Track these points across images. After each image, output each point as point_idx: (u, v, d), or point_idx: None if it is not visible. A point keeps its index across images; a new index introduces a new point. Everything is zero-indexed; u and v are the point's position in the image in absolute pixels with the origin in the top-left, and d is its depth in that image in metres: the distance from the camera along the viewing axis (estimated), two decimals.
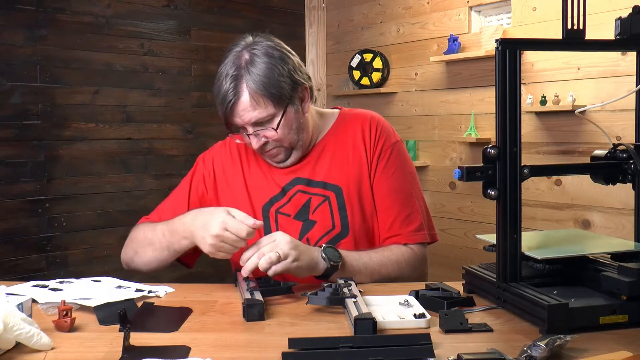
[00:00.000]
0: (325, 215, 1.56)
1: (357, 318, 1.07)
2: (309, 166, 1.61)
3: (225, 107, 1.48)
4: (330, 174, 1.59)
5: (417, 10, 3.90)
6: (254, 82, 1.46)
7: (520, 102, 1.18)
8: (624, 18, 1.22)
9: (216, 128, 3.97)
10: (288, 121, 1.51)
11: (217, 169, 1.68)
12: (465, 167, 1.18)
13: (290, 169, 1.61)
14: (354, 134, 1.62)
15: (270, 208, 1.59)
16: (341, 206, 1.56)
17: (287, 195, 1.59)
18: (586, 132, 3.06)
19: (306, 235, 1.55)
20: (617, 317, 1.09)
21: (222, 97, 1.48)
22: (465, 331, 1.09)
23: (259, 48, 1.51)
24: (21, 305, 1.10)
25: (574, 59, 3.09)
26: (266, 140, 1.52)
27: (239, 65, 1.49)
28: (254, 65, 1.48)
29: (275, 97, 1.48)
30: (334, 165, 1.60)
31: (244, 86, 1.47)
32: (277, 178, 1.61)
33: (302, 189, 1.59)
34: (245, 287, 1.30)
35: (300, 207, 1.58)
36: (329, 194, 1.57)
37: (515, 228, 1.19)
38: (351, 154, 1.61)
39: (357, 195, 1.58)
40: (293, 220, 1.57)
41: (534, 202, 3.27)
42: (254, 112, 1.48)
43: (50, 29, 3.31)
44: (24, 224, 3.25)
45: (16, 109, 3.21)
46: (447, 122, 3.74)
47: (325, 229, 1.56)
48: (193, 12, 3.89)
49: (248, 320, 1.17)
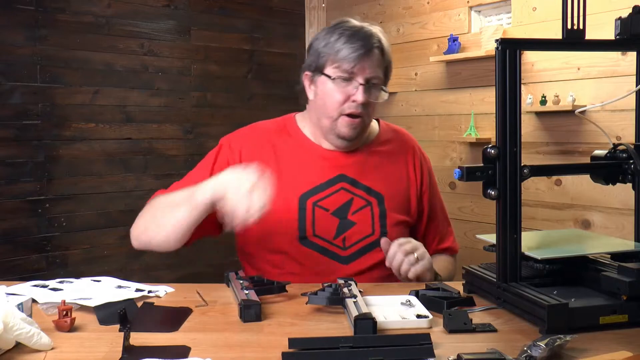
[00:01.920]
0: (366, 219, 1.56)
1: (357, 318, 1.07)
2: (356, 167, 1.60)
3: (354, 52, 1.50)
4: (375, 181, 1.60)
5: (417, 10, 3.90)
6: (385, 48, 1.56)
7: (520, 102, 1.18)
8: (624, 18, 1.22)
9: (216, 128, 3.97)
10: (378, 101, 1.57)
11: (245, 157, 1.60)
12: (465, 167, 1.18)
13: (337, 165, 1.59)
14: (399, 151, 1.69)
15: (307, 199, 1.56)
16: (382, 214, 1.58)
17: (329, 189, 1.57)
18: (586, 132, 3.06)
19: (344, 235, 1.54)
20: (617, 317, 1.09)
21: (351, 44, 1.51)
22: (469, 331, 1.09)
23: (380, 30, 1.59)
24: (21, 305, 1.10)
25: (574, 59, 3.08)
26: (368, 99, 1.54)
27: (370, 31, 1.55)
28: (385, 38, 1.58)
29: (388, 70, 1.59)
30: (378, 173, 1.62)
31: (377, 46, 1.53)
32: (321, 171, 1.59)
33: (346, 187, 1.58)
34: (239, 286, 1.30)
35: (341, 204, 1.56)
36: (372, 199, 1.58)
37: (515, 228, 1.19)
38: (395, 169, 1.65)
39: (396, 208, 1.60)
40: (331, 215, 1.55)
41: (534, 202, 3.27)
42: (378, 69, 1.54)
43: (50, 29, 3.31)
44: (24, 224, 3.25)
45: (16, 109, 3.21)
46: (447, 122, 3.74)
47: (364, 232, 1.56)
48: (193, 12, 3.89)
49: (245, 321, 1.16)
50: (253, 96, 4.15)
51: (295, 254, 1.53)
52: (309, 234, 1.53)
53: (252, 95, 4.15)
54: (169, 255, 3.78)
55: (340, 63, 1.51)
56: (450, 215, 1.81)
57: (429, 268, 1.46)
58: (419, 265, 1.43)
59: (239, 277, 1.37)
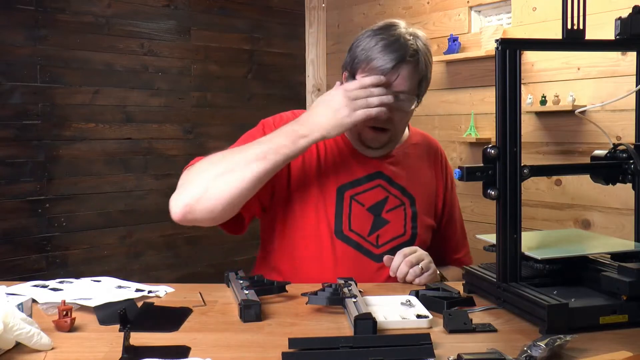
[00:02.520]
0: (399, 218, 1.56)
1: (357, 318, 1.07)
2: (392, 166, 1.60)
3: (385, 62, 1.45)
4: (408, 182, 1.60)
5: (417, 10, 3.90)
6: (423, 62, 1.49)
7: (520, 102, 1.18)
8: (624, 18, 1.22)
9: (216, 128, 3.97)
10: (410, 112, 1.54)
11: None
12: (465, 167, 1.18)
13: (376, 162, 1.58)
14: (428, 156, 1.69)
15: (345, 191, 1.54)
16: (414, 216, 1.58)
17: (367, 184, 1.56)
18: (586, 132, 3.06)
19: (377, 232, 1.54)
20: (617, 317, 1.09)
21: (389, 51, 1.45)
22: (469, 331, 1.09)
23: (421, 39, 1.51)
24: (21, 305, 1.10)
25: (574, 59, 3.08)
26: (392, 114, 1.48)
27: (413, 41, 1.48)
28: (429, 52, 1.52)
29: (422, 85, 1.52)
30: (411, 175, 1.62)
31: (417, 58, 1.47)
32: (360, 165, 1.58)
33: (383, 184, 1.58)
34: (239, 286, 1.30)
35: (377, 201, 1.56)
36: (405, 200, 1.58)
37: (515, 228, 1.19)
38: (424, 172, 1.66)
39: (425, 211, 1.61)
40: (366, 211, 1.54)
41: (534, 202, 3.27)
42: (409, 82, 1.48)
43: (50, 29, 3.31)
44: (24, 224, 3.25)
45: (16, 109, 3.20)
46: (447, 122, 3.74)
47: (397, 232, 1.55)
48: (193, 12, 3.89)
49: (245, 321, 1.16)
50: (253, 96, 4.15)
51: (328, 247, 1.51)
52: (345, 229, 1.52)
53: (252, 95, 4.15)
54: (169, 255, 3.78)
55: (369, 74, 1.46)
56: None
57: (434, 278, 1.45)
58: (423, 277, 1.42)
59: (239, 277, 1.37)
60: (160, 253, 3.75)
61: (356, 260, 1.51)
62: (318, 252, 1.52)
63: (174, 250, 3.79)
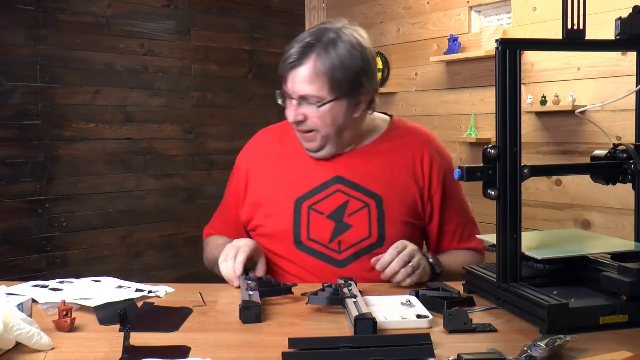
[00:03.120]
0: (363, 221, 1.52)
1: (357, 318, 1.07)
2: (352, 168, 1.56)
3: (283, 68, 1.48)
4: (374, 182, 1.55)
5: (417, 10, 3.90)
6: (323, 60, 1.44)
7: (520, 102, 1.18)
8: (624, 18, 1.22)
9: (216, 128, 3.97)
10: (334, 112, 1.49)
11: (250, 174, 1.64)
12: (465, 167, 1.18)
13: (333, 167, 1.56)
14: (405, 150, 1.60)
15: (303, 203, 1.54)
16: (380, 216, 1.53)
17: (324, 192, 1.54)
18: (586, 132, 3.06)
19: (339, 238, 1.52)
20: (617, 317, 1.09)
21: (285, 57, 1.48)
22: (469, 331, 1.09)
23: (348, 36, 1.48)
24: (21, 305, 1.10)
25: (574, 59, 3.08)
26: (303, 118, 1.49)
27: (319, 38, 1.47)
28: (334, 47, 1.46)
29: (335, 83, 1.46)
30: (379, 173, 1.56)
31: (312, 58, 1.45)
32: (316, 173, 1.56)
33: (342, 189, 1.55)
34: (244, 287, 1.30)
35: (337, 207, 1.53)
36: (369, 201, 1.53)
37: (515, 228, 1.19)
38: (399, 168, 1.58)
39: (398, 209, 1.55)
40: (326, 218, 1.52)
41: (534, 202, 3.27)
42: (307, 86, 1.46)
43: (50, 29, 3.31)
44: (24, 224, 3.25)
45: (16, 109, 3.21)
46: (447, 122, 3.74)
47: (360, 235, 1.52)
48: (193, 12, 3.89)
49: (244, 322, 1.16)
50: (253, 96, 4.15)
51: (292, 258, 1.53)
52: (304, 239, 1.52)
53: (252, 95, 4.15)
54: (169, 255, 3.78)
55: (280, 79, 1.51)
56: None
57: (424, 276, 1.42)
58: (415, 276, 1.39)
59: (247, 278, 1.36)
60: (160, 253, 3.75)
61: (317, 268, 1.51)
62: (281, 264, 1.55)
63: (174, 250, 3.79)
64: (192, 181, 3.88)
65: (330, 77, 1.45)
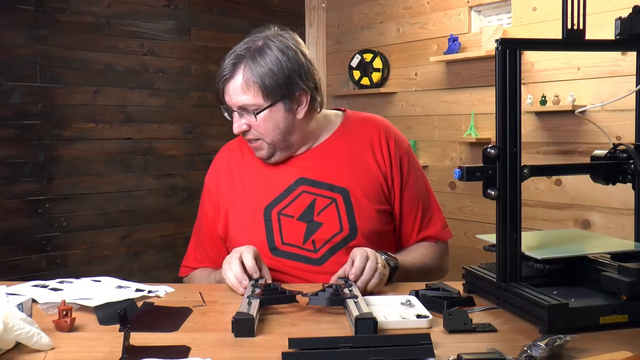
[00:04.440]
0: (333, 217, 1.54)
1: (357, 317, 1.07)
2: (313, 166, 1.58)
3: (218, 81, 1.52)
4: (337, 176, 1.57)
5: (417, 10, 3.90)
6: (252, 69, 1.48)
7: (520, 102, 1.18)
8: (624, 18, 1.22)
9: (216, 128, 3.97)
10: (274, 117, 1.52)
11: (220, 191, 1.66)
12: (465, 167, 1.18)
13: (295, 169, 1.58)
14: (363, 139, 1.62)
15: (272, 210, 1.56)
16: (349, 208, 1.54)
17: (290, 196, 1.56)
18: (586, 132, 3.06)
19: (312, 237, 1.53)
20: (617, 317, 1.09)
21: (219, 71, 1.52)
22: (469, 331, 1.09)
23: (275, 42, 1.51)
24: (21, 305, 1.10)
25: (574, 59, 3.08)
26: (247, 128, 1.53)
27: (248, 48, 1.52)
28: (262, 55, 1.49)
29: (268, 89, 1.48)
30: (341, 167, 1.58)
31: (241, 69, 1.49)
32: (280, 179, 1.58)
33: (307, 189, 1.56)
34: (248, 292, 1.25)
35: (305, 208, 1.55)
36: (335, 196, 1.55)
37: (515, 228, 1.19)
38: (360, 158, 1.60)
39: (366, 198, 1.56)
40: (297, 221, 1.54)
41: (534, 202, 3.27)
42: (242, 96, 1.49)
43: (50, 29, 3.31)
44: (24, 224, 3.25)
45: (16, 109, 3.21)
46: (447, 122, 3.74)
47: (332, 231, 1.53)
48: (193, 12, 3.89)
49: (237, 336, 1.08)
50: None
51: (270, 264, 1.50)
52: (278, 244, 1.53)
53: None
54: (169, 255, 3.78)
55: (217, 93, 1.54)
56: (450, 215, 1.80)
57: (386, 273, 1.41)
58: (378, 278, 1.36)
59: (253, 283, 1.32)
60: (160, 253, 3.75)
61: (297, 270, 1.51)
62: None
63: (174, 250, 3.79)
64: (192, 181, 3.88)
65: (261, 84, 1.48)
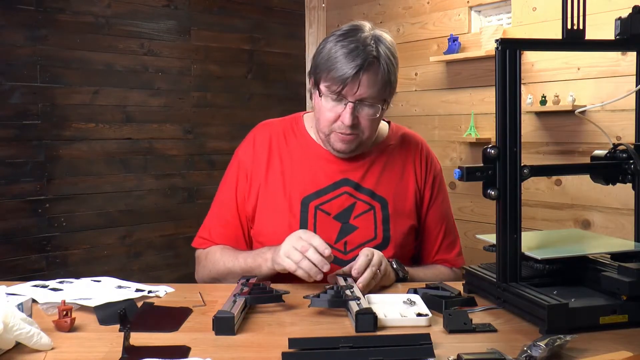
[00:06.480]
0: (369, 223, 1.55)
1: (358, 312, 1.07)
2: (360, 171, 1.59)
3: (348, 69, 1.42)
4: (379, 185, 1.59)
5: (417, 10, 3.90)
6: (387, 65, 1.46)
7: (520, 102, 1.18)
8: (624, 18, 1.22)
9: (216, 128, 3.97)
10: (380, 117, 1.53)
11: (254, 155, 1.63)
12: (465, 167, 1.18)
13: (341, 169, 1.58)
14: (406, 154, 1.65)
15: (310, 202, 1.55)
16: (385, 219, 1.56)
17: (332, 193, 1.56)
18: (586, 132, 3.06)
19: (345, 239, 1.53)
20: (617, 317, 1.09)
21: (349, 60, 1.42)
22: (469, 331, 1.09)
23: (384, 42, 1.48)
24: (21, 305, 1.10)
25: (574, 59, 3.08)
26: (357, 122, 1.49)
27: (377, 42, 1.46)
28: (394, 55, 1.49)
29: (391, 87, 1.50)
30: (383, 177, 1.60)
31: (379, 61, 1.45)
32: (324, 174, 1.58)
33: (350, 191, 1.57)
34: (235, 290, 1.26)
35: (344, 208, 1.55)
36: (375, 204, 1.57)
37: (515, 228, 1.19)
38: (401, 172, 1.63)
39: (401, 212, 1.59)
40: (332, 219, 1.54)
41: (534, 202, 3.27)
42: (371, 88, 1.46)
43: (50, 29, 3.31)
44: (24, 224, 3.25)
45: (16, 109, 3.21)
46: (447, 122, 3.74)
47: (366, 237, 1.54)
48: (193, 12, 3.89)
49: (217, 334, 1.09)
50: (253, 96, 4.15)
51: None
52: None
53: (252, 95, 4.15)
54: (169, 255, 3.78)
55: (330, 83, 1.45)
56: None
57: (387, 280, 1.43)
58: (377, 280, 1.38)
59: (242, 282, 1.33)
60: (160, 253, 3.75)
61: None
62: None
63: (174, 250, 3.79)
64: (192, 181, 3.88)
65: (389, 81, 1.48)
